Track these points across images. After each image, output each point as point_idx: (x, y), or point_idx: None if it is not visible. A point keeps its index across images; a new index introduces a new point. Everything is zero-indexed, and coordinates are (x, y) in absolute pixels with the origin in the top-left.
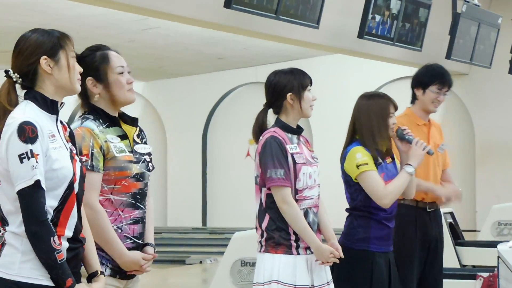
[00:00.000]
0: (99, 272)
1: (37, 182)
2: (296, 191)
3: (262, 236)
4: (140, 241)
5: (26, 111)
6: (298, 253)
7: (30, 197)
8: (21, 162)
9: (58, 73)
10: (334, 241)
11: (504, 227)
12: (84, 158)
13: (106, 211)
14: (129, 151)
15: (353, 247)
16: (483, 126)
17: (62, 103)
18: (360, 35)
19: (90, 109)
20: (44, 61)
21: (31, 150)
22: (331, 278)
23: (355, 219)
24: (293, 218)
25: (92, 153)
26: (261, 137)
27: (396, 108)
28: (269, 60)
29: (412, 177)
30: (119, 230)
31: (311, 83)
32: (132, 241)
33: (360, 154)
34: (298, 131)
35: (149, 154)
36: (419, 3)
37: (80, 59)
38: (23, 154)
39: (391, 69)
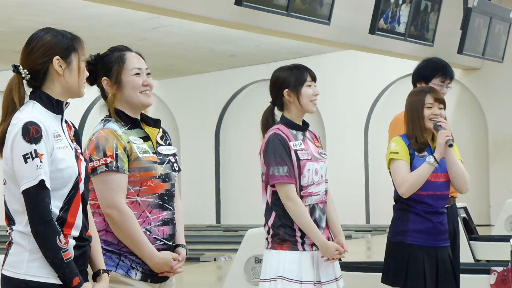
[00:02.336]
0: (101, 271)
1: (42, 182)
2: (301, 188)
3: (268, 233)
4: (170, 243)
5: (31, 111)
6: (304, 250)
7: (35, 197)
8: (26, 162)
9: (69, 75)
10: (341, 237)
11: None
12: (109, 160)
13: (133, 213)
14: (152, 153)
15: (392, 240)
16: (496, 121)
17: (67, 103)
18: (372, 31)
19: (109, 111)
20: (56, 61)
21: (35, 150)
22: (340, 274)
23: (396, 212)
24: (297, 215)
25: (116, 154)
26: (265, 135)
27: (437, 100)
28: (281, 57)
29: (431, 167)
30: (148, 232)
31: (313, 78)
32: (162, 242)
33: (394, 143)
34: (303, 127)
35: (173, 155)
36: None
37: (100, 59)
38: (27, 154)
39: (403, 65)
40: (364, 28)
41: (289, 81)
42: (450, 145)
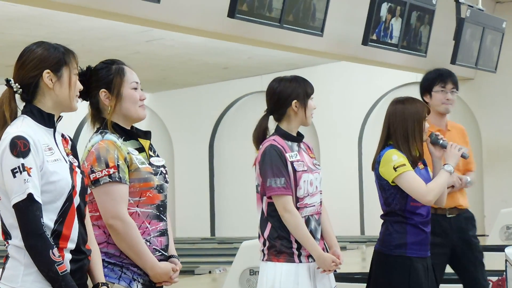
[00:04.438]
0: (100, 284)
1: (30, 195)
2: (297, 199)
3: (264, 244)
4: (166, 253)
5: (20, 125)
6: (300, 261)
7: (25, 211)
8: (14, 176)
9: (59, 89)
10: (337, 249)
11: None
12: (111, 170)
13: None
14: (148, 163)
15: (390, 253)
16: (490, 131)
17: (60, 116)
18: (365, 42)
19: (103, 124)
20: (47, 75)
21: (22, 164)
22: (335, 285)
23: (391, 225)
24: (294, 226)
25: (118, 165)
26: (260, 146)
27: (429, 112)
28: (274, 68)
29: (449, 175)
30: (148, 243)
31: (313, 91)
32: (160, 253)
33: (396, 156)
34: (298, 138)
35: (163, 166)
36: (423, 9)
37: (94, 71)
38: (15, 168)
39: (397, 76)
40: (357, 39)
41: (297, 92)
42: (468, 156)
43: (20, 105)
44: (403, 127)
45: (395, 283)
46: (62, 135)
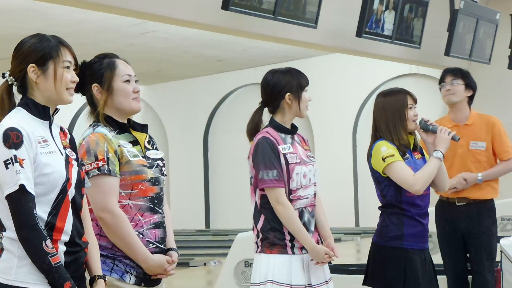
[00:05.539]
0: (97, 277)
1: (22, 186)
2: (290, 191)
3: (257, 236)
4: (162, 246)
5: (14, 117)
6: (293, 253)
7: (18, 202)
8: (6, 168)
9: (44, 82)
10: (330, 241)
11: (507, 222)
12: (100, 163)
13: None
14: (142, 156)
15: (387, 245)
16: None
17: (56, 109)
18: (359, 34)
19: (97, 117)
20: (31, 69)
21: (15, 156)
22: (330, 277)
23: (388, 217)
24: (287, 219)
25: (107, 158)
26: (254, 138)
27: (415, 100)
28: (269, 61)
29: (441, 163)
30: (141, 235)
31: (307, 83)
32: (154, 245)
33: (384, 147)
34: (292, 130)
35: (161, 159)
36: (417, 0)
37: (88, 65)
38: (8, 160)
39: (391, 67)
40: (351, 31)
41: (291, 85)
42: (458, 139)
43: (19, 97)
44: (384, 119)
45: (392, 274)
46: (61, 129)
